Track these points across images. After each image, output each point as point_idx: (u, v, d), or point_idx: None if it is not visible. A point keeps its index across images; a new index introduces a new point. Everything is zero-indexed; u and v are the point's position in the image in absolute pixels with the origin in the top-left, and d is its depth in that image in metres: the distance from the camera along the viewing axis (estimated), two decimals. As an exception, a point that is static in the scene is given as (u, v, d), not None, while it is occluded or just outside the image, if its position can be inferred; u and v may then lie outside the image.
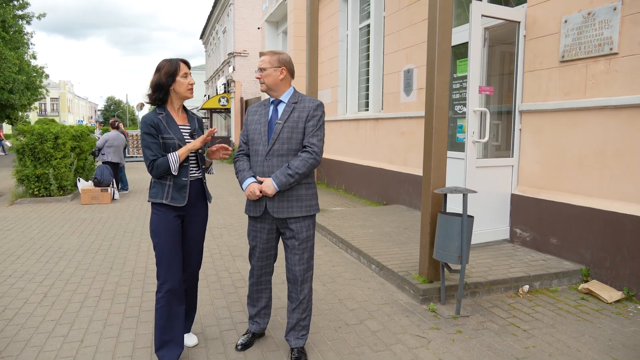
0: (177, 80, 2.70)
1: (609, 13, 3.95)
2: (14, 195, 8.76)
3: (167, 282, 2.67)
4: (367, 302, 3.75)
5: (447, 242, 3.44)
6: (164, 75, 2.68)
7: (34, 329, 3.25)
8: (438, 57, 3.59)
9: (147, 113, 2.77)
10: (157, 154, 2.67)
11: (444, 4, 3.58)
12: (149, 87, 2.75)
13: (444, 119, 3.69)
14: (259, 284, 2.98)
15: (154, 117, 2.70)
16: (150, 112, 2.77)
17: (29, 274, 4.47)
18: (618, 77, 3.91)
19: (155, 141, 2.67)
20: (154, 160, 2.65)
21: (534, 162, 4.81)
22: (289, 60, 2.83)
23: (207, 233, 6.05)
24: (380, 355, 2.89)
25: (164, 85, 2.69)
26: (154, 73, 2.73)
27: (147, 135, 2.67)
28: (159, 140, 2.68)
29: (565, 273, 4.14)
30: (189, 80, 2.74)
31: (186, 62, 2.75)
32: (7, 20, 27.18)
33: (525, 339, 3.10)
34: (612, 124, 3.96)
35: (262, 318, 3.04)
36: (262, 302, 3.02)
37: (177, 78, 2.70)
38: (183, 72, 2.71)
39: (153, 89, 2.71)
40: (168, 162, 2.64)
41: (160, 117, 2.71)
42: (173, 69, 2.69)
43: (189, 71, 2.76)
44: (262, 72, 2.76)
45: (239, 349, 2.94)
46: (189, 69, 2.76)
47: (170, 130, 2.69)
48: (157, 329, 2.68)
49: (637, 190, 3.77)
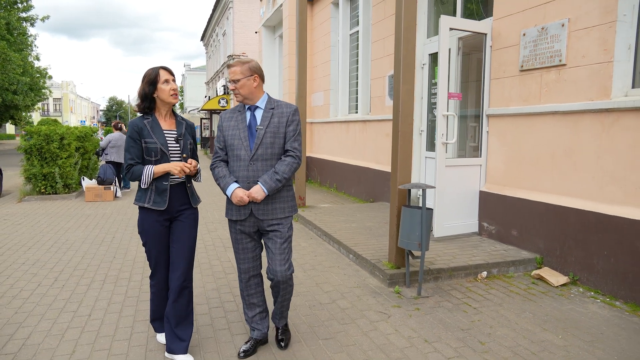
0: (158, 87, 2.77)
1: (558, 28, 4.42)
2: (22, 193, 9.26)
3: (156, 275, 2.93)
4: (341, 286, 4.23)
5: (410, 231, 3.92)
6: (146, 84, 2.77)
7: (47, 305, 3.74)
8: (403, 70, 4.07)
9: (134, 118, 2.88)
10: (136, 158, 2.77)
11: (408, 25, 4.05)
12: (137, 97, 2.85)
13: (409, 123, 4.17)
14: (249, 288, 3.00)
15: (139, 122, 2.79)
16: (137, 117, 2.88)
17: (40, 262, 4.96)
18: (566, 85, 4.38)
19: (135, 146, 2.77)
20: (131, 165, 2.77)
21: (499, 162, 5.28)
22: (259, 66, 2.89)
23: (203, 227, 6.54)
24: (346, 327, 3.37)
25: (147, 94, 2.78)
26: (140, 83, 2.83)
27: (130, 139, 2.77)
28: (140, 145, 2.76)
29: (521, 261, 4.62)
30: (171, 86, 2.80)
31: (167, 68, 2.82)
32: (11, 22, 27.66)
33: (473, 315, 3.57)
34: (562, 127, 4.43)
35: (259, 323, 3.04)
36: (256, 308, 3.03)
37: (159, 85, 2.77)
38: (164, 78, 2.78)
39: (140, 98, 2.81)
40: (142, 173, 2.74)
41: (146, 122, 2.79)
42: (153, 76, 2.76)
43: (172, 77, 2.82)
44: (236, 83, 2.81)
45: (242, 357, 2.90)
46: (171, 75, 2.83)
47: (154, 135, 2.76)
48: (152, 306, 3.04)
49: (581, 187, 4.24)
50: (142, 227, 2.86)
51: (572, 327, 3.35)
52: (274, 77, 14.41)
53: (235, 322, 3.45)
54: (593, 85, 4.10)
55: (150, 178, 2.75)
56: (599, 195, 4.07)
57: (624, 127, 3.84)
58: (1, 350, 3.00)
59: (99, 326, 3.37)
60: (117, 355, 2.95)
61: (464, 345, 3.08)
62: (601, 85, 4.03)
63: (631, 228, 3.75)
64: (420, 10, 6.88)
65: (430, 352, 2.99)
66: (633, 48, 3.91)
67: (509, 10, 5.03)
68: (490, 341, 3.14)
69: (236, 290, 4.11)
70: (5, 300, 3.86)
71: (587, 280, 4.16)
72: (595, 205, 4.08)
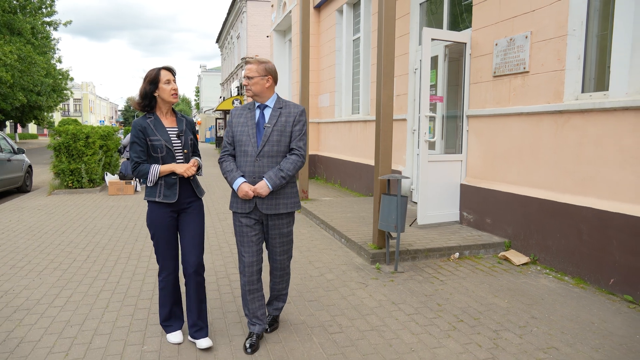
0: (160, 87, 2.86)
1: (523, 40, 5.03)
2: (51, 187, 10.13)
3: (164, 269, 3.04)
4: (330, 263, 4.91)
5: (388, 215, 4.58)
6: (148, 83, 2.86)
7: (83, 274, 4.49)
8: (383, 78, 4.73)
9: (137, 118, 2.97)
10: (141, 157, 2.90)
11: (387, 41, 4.71)
12: (137, 95, 2.94)
13: (388, 122, 4.83)
14: (251, 283, 3.03)
15: (142, 121, 2.90)
16: (140, 117, 2.97)
17: (74, 243, 5.73)
18: (529, 90, 4.99)
19: (141, 146, 2.89)
20: (137, 163, 2.89)
21: (477, 158, 5.90)
22: (274, 69, 3.02)
23: (214, 216, 7.27)
24: (329, 293, 4.05)
25: (148, 93, 2.87)
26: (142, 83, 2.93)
27: (135, 138, 2.89)
28: (145, 144, 2.89)
29: (491, 244, 5.24)
30: (172, 86, 2.89)
31: (169, 68, 2.92)
32: (36, 27, 28.91)
33: (438, 285, 4.22)
34: (526, 127, 5.04)
35: (260, 318, 3.09)
36: (257, 302, 3.07)
37: (160, 85, 2.86)
38: (165, 78, 2.87)
39: (141, 97, 2.90)
40: (148, 172, 2.87)
41: (149, 121, 2.90)
42: (155, 76, 2.86)
43: (173, 78, 2.91)
44: (250, 80, 2.93)
45: (249, 352, 2.95)
46: (173, 75, 2.91)
47: (157, 132, 2.89)
48: (161, 307, 3.13)
49: (541, 179, 4.85)
50: (151, 220, 2.98)
51: (519, 294, 3.98)
52: (284, 79, 15.13)
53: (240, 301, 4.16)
54: (550, 90, 4.71)
55: (156, 177, 2.88)
56: (555, 186, 4.68)
57: (573, 126, 4.45)
58: (52, 302, 3.75)
59: (126, 289, 4.10)
60: (141, 310, 3.67)
61: (423, 306, 3.73)
62: (556, 90, 4.64)
63: (578, 213, 4.35)
64: (413, 20, 7.52)
65: (395, 311, 3.65)
66: (582, 58, 4.51)
67: (485, 22, 5.64)
68: (447, 304, 3.79)
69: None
70: (48, 271, 4.62)
71: (544, 259, 4.77)
72: (552, 194, 4.69)
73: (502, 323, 3.41)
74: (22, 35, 27.52)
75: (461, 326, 3.37)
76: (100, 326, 3.36)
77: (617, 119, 4.00)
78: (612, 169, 4.06)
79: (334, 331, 3.29)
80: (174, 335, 3.11)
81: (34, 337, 3.17)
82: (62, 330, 3.29)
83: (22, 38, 27.30)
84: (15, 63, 23.70)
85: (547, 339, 3.16)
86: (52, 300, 3.84)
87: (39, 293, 4.01)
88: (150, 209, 2.98)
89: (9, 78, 21.74)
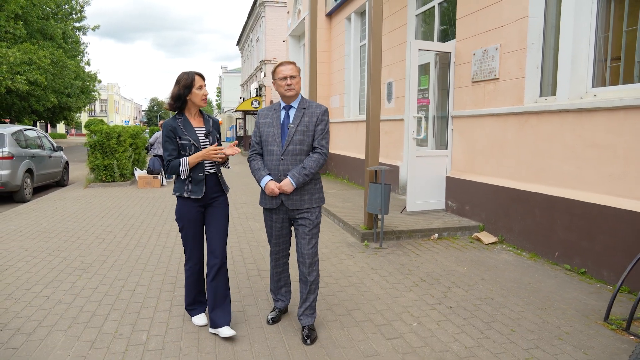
0: (193, 91, 3.03)
1: (494, 51, 5.84)
2: (87, 181, 11.28)
3: (191, 259, 3.26)
4: (327, 241, 5.80)
5: (374, 200, 5.45)
6: (182, 87, 3.01)
7: (124, 247, 5.50)
8: (372, 85, 5.61)
9: (167, 119, 3.13)
10: (173, 154, 3.06)
11: (375, 53, 5.58)
12: (169, 97, 3.09)
13: (376, 122, 5.70)
14: (277, 267, 3.38)
15: (172, 122, 3.06)
16: (170, 118, 3.13)
17: (112, 225, 6.76)
18: (499, 94, 5.79)
19: (172, 144, 3.05)
20: (169, 161, 3.07)
21: (460, 153, 6.72)
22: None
23: (232, 206, 8.25)
24: (322, 262, 4.94)
25: (181, 96, 3.02)
26: (174, 85, 3.06)
27: (166, 138, 3.06)
28: (176, 143, 3.05)
29: (467, 227, 6.06)
30: (203, 92, 3.07)
31: (201, 75, 3.07)
32: (67, 32, 30.50)
33: (414, 257, 5.08)
34: (497, 126, 5.85)
35: (284, 295, 3.45)
36: (282, 282, 3.43)
37: (193, 90, 3.03)
38: (198, 84, 3.03)
39: (173, 99, 3.05)
40: (179, 166, 3.03)
41: (179, 121, 3.06)
42: (190, 81, 3.01)
43: (204, 83, 3.08)
44: (293, 79, 3.06)
45: (270, 323, 3.34)
46: (203, 81, 3.08)
47: (186, 132, 3.06)
48: (186, 293, 3.37)
49: (507, 171, 5.65)
50: (180, 214, 3.17)
51: (479, 264, 4.81)
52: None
53: (262, 276, 5.09)
54: (514, 94, 5.51)
55: (187, 168, 3.03)
56: (518, 176, 5.48)
57: (531, 125, 5.25)
58: (102, 264, 4.74)
59: (157, 260, 5.08)
60: (171, 271, 4.63)
61: (396, 271, 4.60)
62: (518, 95, 5.44)
63: (533, 199, 5.15)
64: (409, 30, 8.36)
65: (372, 274, 4.53)
66: (540, 67, 5.31)
67: (466, 34, 6.46)
68: (416, 270, 4.65)
69: (256, 249, 5.75)
70: (94, 245, 5.64)
71: (509, 239, 5.58)
72: (515, 183, 5.50)
73: (456, 282, 4.27)
74: (54, 40, 29.13)
75: (422, 284, 4.23)
76: (141, 280, 4.34)
77: (561, 119, 4.80)
78: (559, 161, 4.86)
79: (321, 286, 4.19)
80: (198, 318, 3.36)
81: (92, 285, 4.17)
82: (112, 282, 4.28)
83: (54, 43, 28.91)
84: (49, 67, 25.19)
85: (487, 292, 4.01)
86: (102, 263, 4.85)
87: (90, 259, 5.02)
88: (179, 203, 3.17)
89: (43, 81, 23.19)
